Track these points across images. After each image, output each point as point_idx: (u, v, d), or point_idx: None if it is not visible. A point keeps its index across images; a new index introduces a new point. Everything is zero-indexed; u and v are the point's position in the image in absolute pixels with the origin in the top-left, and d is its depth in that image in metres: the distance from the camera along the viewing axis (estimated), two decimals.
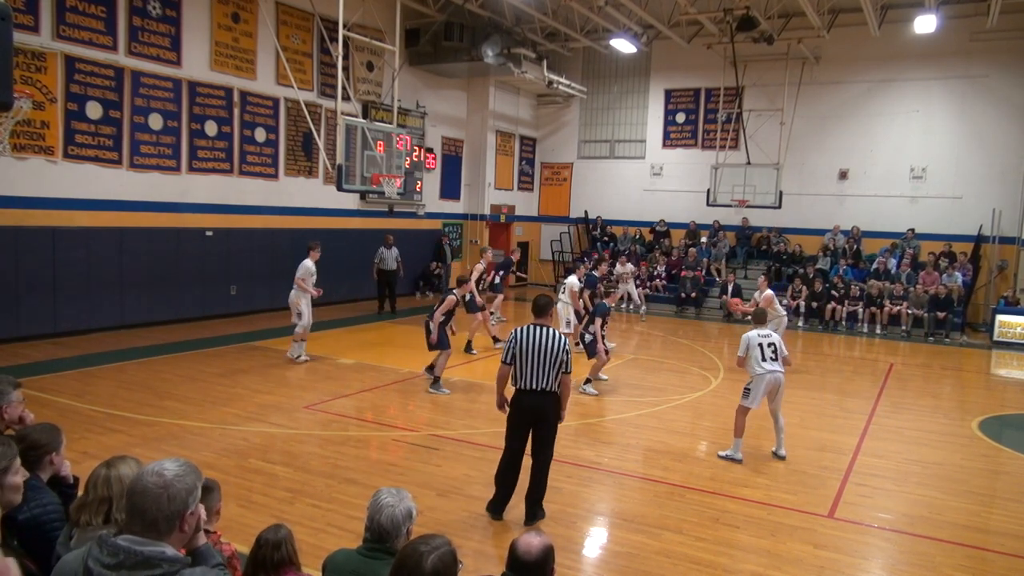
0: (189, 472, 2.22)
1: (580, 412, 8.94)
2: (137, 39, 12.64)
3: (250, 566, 3.22)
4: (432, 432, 7.85)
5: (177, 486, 2.16)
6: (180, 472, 2.20)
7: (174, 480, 2.17)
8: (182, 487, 2.17)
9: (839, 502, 6.33)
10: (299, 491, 6.05)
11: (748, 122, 19.47)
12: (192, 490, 2.20)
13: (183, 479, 2.18)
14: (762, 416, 9.20)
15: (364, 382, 9.93)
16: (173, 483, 2.16)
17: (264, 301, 15.30)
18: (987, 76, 18.02)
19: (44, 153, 11.54)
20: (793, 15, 17.96)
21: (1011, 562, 5.33)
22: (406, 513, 2.96)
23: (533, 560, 2.73)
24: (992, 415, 9.82)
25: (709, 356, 13.06)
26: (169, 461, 2.24)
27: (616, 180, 23.00)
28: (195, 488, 2.22)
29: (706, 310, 18.85)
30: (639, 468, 7.14)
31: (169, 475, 2.17)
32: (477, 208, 21.79)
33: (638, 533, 5.52)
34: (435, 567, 2.29)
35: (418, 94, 19.48)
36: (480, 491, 6.17)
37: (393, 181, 12.75)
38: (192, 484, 2.21)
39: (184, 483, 2.18)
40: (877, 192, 19.47)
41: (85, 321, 12.19)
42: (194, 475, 2.24)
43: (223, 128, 14.32)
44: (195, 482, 2.23)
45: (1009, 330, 15.64)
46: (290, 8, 15.50)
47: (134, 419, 7.82)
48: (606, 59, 22.22)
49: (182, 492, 2.17)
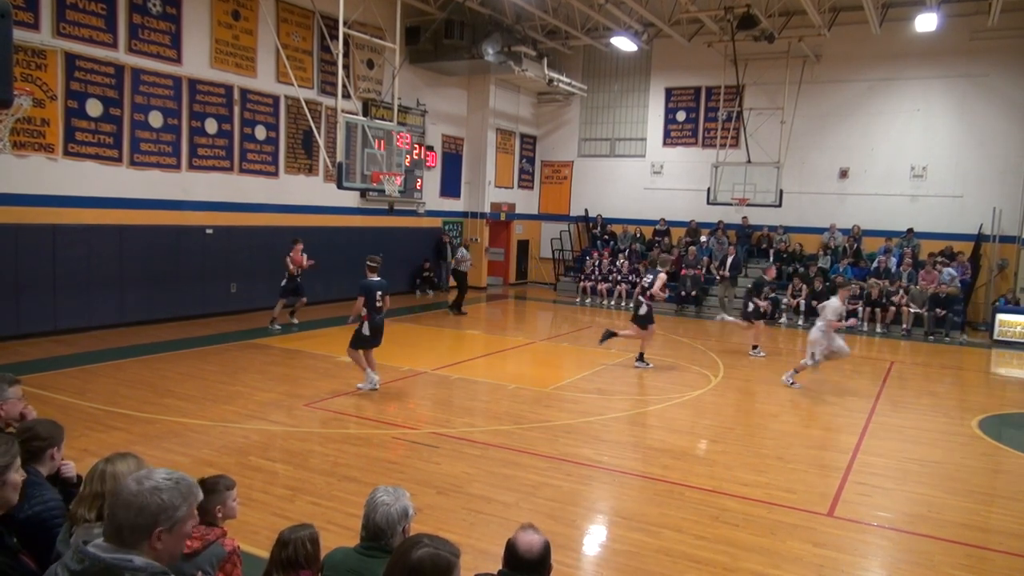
0: (172, 488, 2.04)
1: (580, 411, 8.95)
2: (137, 37, 12.63)
3: (269, 561, 3.24)
4: (432, 430, 7.86)
5: (149, 499, 1.99)
6: (160, 486, 2.03)
7: (149, 491, 2.00)
8: (154, 501, 1.99)
9: (839, 501, 6.33)
10: (299, 489, 6.05)
11: (748, 121, 19.44)
12: (168, 508, 2.01)
13: (160, 493, 2.01)
14: (762, 415, 9.21)
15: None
16: (146, 493, 1.99)
17: (264, 299, 15.26)
18: (988, 75, 18.00)
19: (44, 151, 11.54)
20: (794, 13, 17.94)
21: (1011, 561, 5.32)
22: (402, 512, 2.96)
23: (535, 558, 2.73)
24: (992, 414, 9.82)
25: (709, 355, 13.07)
26: (162, 472, 2.09)
27: (616, 178, 22.98)
28: (172, 507, 2.01)
29: (706, 308, 18.84)
30: (639, 466, 7.14)
31: (147, 485, 2.01)
32: (477, 206, 21.78)
33: (638, 531, 5.52)
34: (420, 559, 2.25)
35: (418, 92, 19.46)
36: (480, 489, 6.18)
37: (393, 179, 12.74)
38: (169, 502, 2.01)
39: (158, 497, 2.00)
40: (878, 191, 19.45)
41: (85, 319, 12.19)
42: (176, 492, 2.04)
43: (223, 126, 14.31)
44: (174, 500, 2.02)
45: (1009, 329, 15.64)
46: (290, 6, 15.49)
47: (134, 417, 7.82)
48: (607, 57, 22.20)
49: (152, 506, 1.99)
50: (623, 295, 19.36)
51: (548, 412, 8.83)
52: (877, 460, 7.51)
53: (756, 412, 9.32)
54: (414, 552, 2.28)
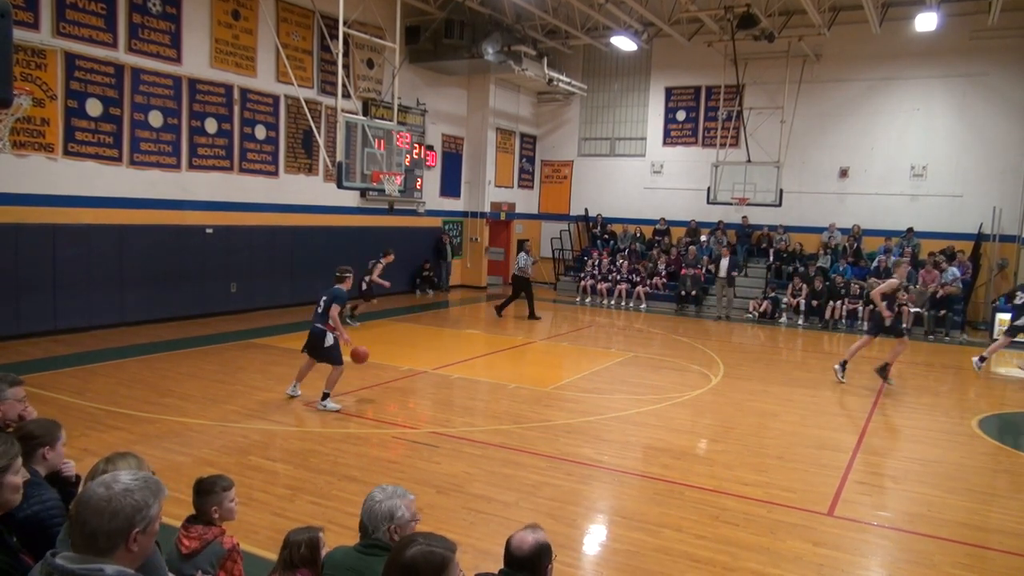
0: (142, 488, 2.03)
1: (580, 410, 8.95)
2: (137, 36, 12.63)
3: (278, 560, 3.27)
4: (432, 430, 7.86)
5: (123, 501, 1.97)
6: (131, 486, 2.01)
7: (120, 494, 1.98)
8: (128, 503, 1.98)
9: (839, 500, 6.33)
10: (299, 488, 6.05)
11: (748, 120, 19.45)
12: (141, 508, 2.00)
13: (132, 494, 1.99)
14: (761, 414, 9.21)
15: (364, 380, 9.93)
16: (119, 497, 1.97)
17: (264, 298, 15.31)
18: (988, 74, 18.00)
19: (44, 150, 11.54)
20: (794, 13, 17.94)
21: (1010, 560, 5.33)
22: (387, 513, 2.95)
23: (524, 555, 2.73)
24: (992, 413, 9.83)
25: (709, 354, 13.06)
26: (126, 473, 2.09)
27: (616, 178, 22.98)
28: (146, 505, 2.01)
29: (706, 308, 18.84)
30: (639, 466, 7.14)
31: (117, 488, 1.99)
32: (477, 206, 21.78)
33: (637, 531, 5.52)
34: (412, 558, 2.25)
35: (418, 91, 19.46)
36: (480, 489, 6.18)
37: (393, 179, 12.74)
38: (142, 501, 2.00)
39: (131, 499, 1.99)
40: (878, 190, 19.45)
41: (85, 318, 12.19)
42: (147, 491, 2.03)
43: (223, 125, 14.31)
44: (147, 499, 2.02)
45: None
46: (290, 5, 15.49)
47: (134, 416, 7.82)
48: (606, 57, 22.19)
49: (127, 508, 1.97)
50: (623, 295, 19.37)
51: (548, 411, 8.83)
52: (877, 459, 7.51)
53: (756, 412, 9.32)
54: (407, 551, 2.29)
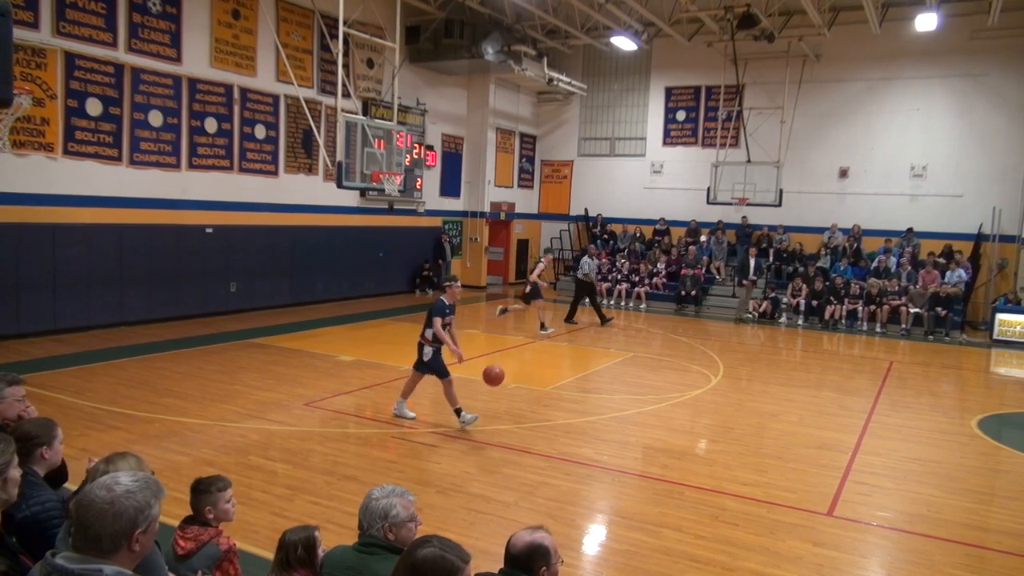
0: (143, 489, 2.07)
1: (580, 410, 8.96)
2: (137, 36, 12.62)
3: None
4: (432, 430, 7.86)
5: (125, 503, 2.01)
6: (132, 488, 2.05)
7: (123, 496, 2.01)
8: (130, 504, 2.02)
9: (838, 500, 6.33)
10: (299, 488, 6.05)
11: (748, 120, 19.45)
12: (143, 508, 2.04)
13: (134, 496, 2.03)
14: (760, 414, 9.21)
15: (364, 379, 9.93)
16: (121, 499, 2.01)
17: (264, 298, 15.31)
18: (988, 74, 17.99)
19: (44, 150, 11.53)
20: (794, 13, 17.94)
21: (1010, 560, 5.33)
22: (382, 511, 2.95)
23: (517, 553, 2.73)
24: (991, 413, 9.82)
25: (709, 354, 13.06)
26: (125, 474, 2.12)
27: (616, 178, 22.98)
28: (147, 506, 2.06)
29: (706, 308, 18.84)
30: (638, 466, 7.14)
31: (119, 490, 2.02)
32: (477, 205, 21.77)
33: (637, 530, 5.52)
34: (423, 558, 2.24)
35: (418, 91, 19.46)
36: (480, 489, 6.18)
37: (393, 178, 12.73)
38: (144, 502, 2.05)
39: (134, 500, 2.03)
40: (877, 190, 19.45)
41: (85, 318, 12.19)
42: (148, 492, 2.08)
43: (223, 125, 14.31)
44: (148, 499, 2.06)
45: (1009, 328, 15.64)
46: (290, 5, 15.48)
47: (134, 416, 7.82)
48: (606, 57, 22.18)
49: (130, 510, 2.01)
50: (623, 294, 19.39)
51: (548, 412, 8.83)
52: (877, 460, 7.51)
53: (756, 412, 9.32)
54: (419, 550, 2.28)
